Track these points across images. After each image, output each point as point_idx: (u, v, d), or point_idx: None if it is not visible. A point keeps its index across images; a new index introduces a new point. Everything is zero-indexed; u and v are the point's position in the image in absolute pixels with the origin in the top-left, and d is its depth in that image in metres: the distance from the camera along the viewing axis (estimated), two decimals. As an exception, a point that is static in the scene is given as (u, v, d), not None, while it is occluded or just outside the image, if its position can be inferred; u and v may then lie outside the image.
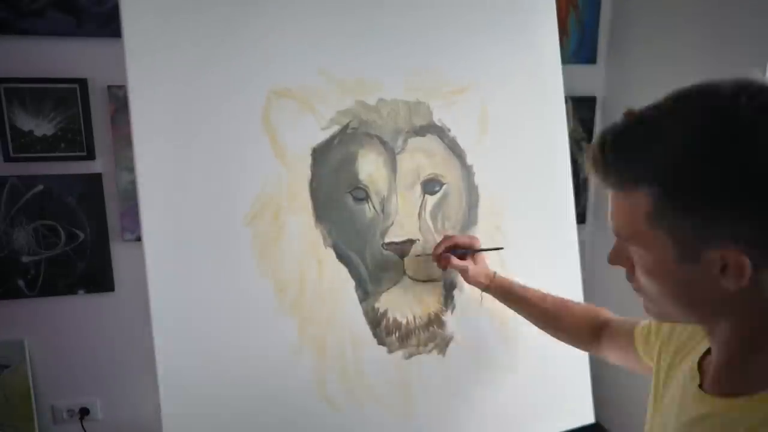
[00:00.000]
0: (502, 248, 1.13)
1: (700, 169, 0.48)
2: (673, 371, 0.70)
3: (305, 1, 1.05)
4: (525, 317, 1.09)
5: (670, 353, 0.72)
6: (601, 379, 1.39)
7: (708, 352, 0.65)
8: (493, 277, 1.10)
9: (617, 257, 0.62)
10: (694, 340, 0.70)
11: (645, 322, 0.86)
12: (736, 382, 0.57)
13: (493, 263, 1.17)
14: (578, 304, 1.08)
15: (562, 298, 1.06)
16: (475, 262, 1.10)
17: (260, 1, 1.02)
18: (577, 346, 1.05)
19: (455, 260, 1.07)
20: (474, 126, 1.19)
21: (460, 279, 1.14)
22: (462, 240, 1.09)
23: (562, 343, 1.07)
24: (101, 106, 1.50)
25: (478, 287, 1.11)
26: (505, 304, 1.10)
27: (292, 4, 1.04)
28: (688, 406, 0.62)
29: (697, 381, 0.63)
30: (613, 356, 0.95)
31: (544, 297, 1.06)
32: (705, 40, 1.50)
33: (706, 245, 0.51)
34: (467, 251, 1.09)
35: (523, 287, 1.08)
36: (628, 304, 0.88)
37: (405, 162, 1.11)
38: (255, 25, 1.01)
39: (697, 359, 0.66)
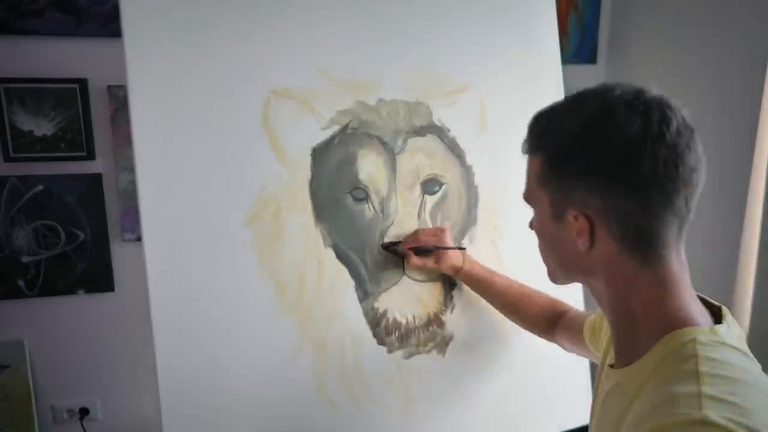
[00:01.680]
0: (464, 248, 1.13)
1: (573, 145, 0.63)
2: (604, 362, 0.78)
3: (305, 1, 1.05)
4: (490, 303, 1.14)
5: (605, 347, 0.81)
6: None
7: None
8: (460, 268, 1.11)
9: (532, 225, 0.76)
10: None
11: (591, 317, 0.95)
12: (626, 354, 0.66)
13: (492, 263, 1.17)
14: (540, 294, 1.11)
15: (527, 288, 1.12)
16: (442, 258, 1.10)
17: (260, 2, 1.02)
18: (535, 333, 1.11)
19: (414, 258, 1.08)
20: (474, 126, 1.19)
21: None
22: (425, 238, 1.09)
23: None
24: (101, 106, 1.50)
25: (450, 275, 1.14)
26: (474, 291, 1.14)
27: (292, 4, 1.04)
28: (604, 384, 0.72)
29: (611, 361, 0.72)
30: (567, 345, 1.05)
31: (509, 286, 1.12)
32: (705, 40, 1.50)
33: (567, 206, 0.65)
34: (429, 249, 1.08)
35: (491, 277, 1.12)
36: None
37: (405, 162, 1.11)
38: (255, 25, 1.01)
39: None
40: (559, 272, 0.74)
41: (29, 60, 1.43)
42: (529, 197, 0.73)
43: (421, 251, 1.09)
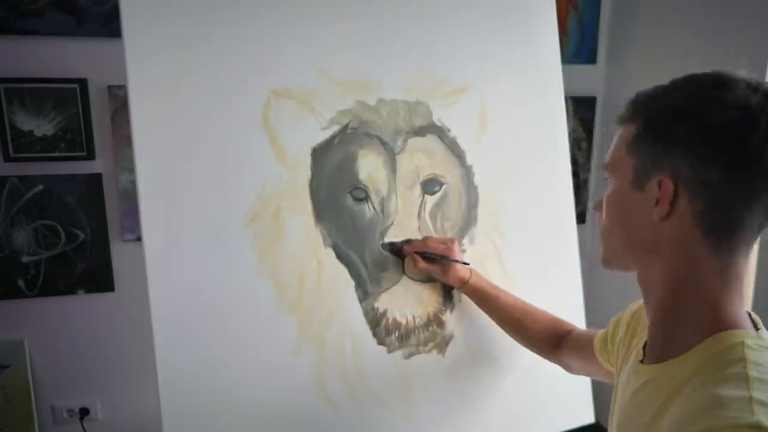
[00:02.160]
0: (467, 263, 1.11)
1: (671, 116, 0.62)
2: (625, 365, 0.77)
3: (305, 1, 1.05)
4: (493, 319, 1.12)
5: (623, 353, 0.80)
6: (600, 379, 1.39)
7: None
8: (466, 281, 1.10)
9: (599, 204, 0.74)
10: (638, 337, 0.78)
11: (602, 331, 0.93)
12: (664, 349, 0.65)
13: (492, 263, 1.17)
14: (544, 313, 1.10)
15: (531, 306, 1.10)
16: (449, 268, 1.09)
17: (260, 2, 1.02)
18: (538, 353, 1.10)
19: (421, 262, 1.08)
20: (474, 126, 1.19)
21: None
22: (434, 246, 1.08)
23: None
24: (101, 106, 1.50)
25: (454, 286, 1.13)
26: (478, 305, 1.12)
27: (292, 4, 1.04)
28: (632, 381, 0.70)
29: (640, 358, 0.71)
30: (572, 362, 1.04)
31: (514, 303, 1.10)
32: (705, 40, 1.50)
33: (653, 171, 0.63)
34: (436, 257, 1.08)
35: (495, 292, 1.11)
36: (626, 304, 0.88)
37: (405, 162, 1.11)
38: (255, 25, 1.01)
39: (641, 344, 0.73)
40: (620, 250, 0.70)
41: (29, 60, 1.43)
42: (612, 163, 0.69)
43: (428, 258, 1.08)
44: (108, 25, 1.44)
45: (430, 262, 1.08)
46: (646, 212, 0.63)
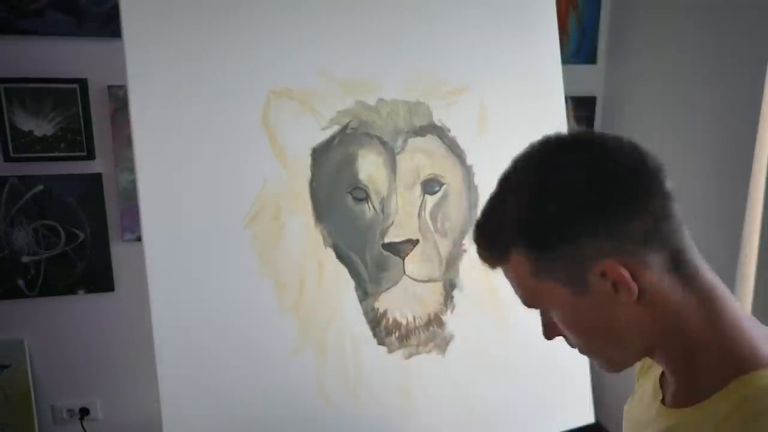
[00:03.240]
0: None
1: (537, 213, 0.56)
2: (642, 378, 0.72)
3: (305, 1, 1.05)
4: None
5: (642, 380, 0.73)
6: (601, 379, 1.39)
7: None
8: None
9: (549, 332, 0.64)
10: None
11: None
12: (687, 394, 0.59)
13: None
14: None
15: None
16: None
17: (260, 2, 1.02)
18: None
19: None
20: (474, 126, 1.19)
21: (459, 279, 1.14)
22: None
23: (562, 343, 1.06)
24: (101, 106, 1.50)
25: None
26: None
27: (292, 4, 1.04)
28: (654, 421, 0.64)
29: (660, 396, 0.65)
30: None
31: None
32: (705, 40, 1.50)
33: (584, 271, 0.55)
34: None
35: None
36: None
37: (405, 162, 1.11)
38: (255, 26, 1.01)
39: (658, 376, 0.67)
40: (624, 355, 0.61)
41: (29, 60, 1.43)
42: (532, 300, 0.61)
43: None
44: (108, 25, 1.44)
45: None
46: (611, 304, 0.56)
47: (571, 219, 0.54)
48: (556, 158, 0.57)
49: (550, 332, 0.64)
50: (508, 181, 0.60)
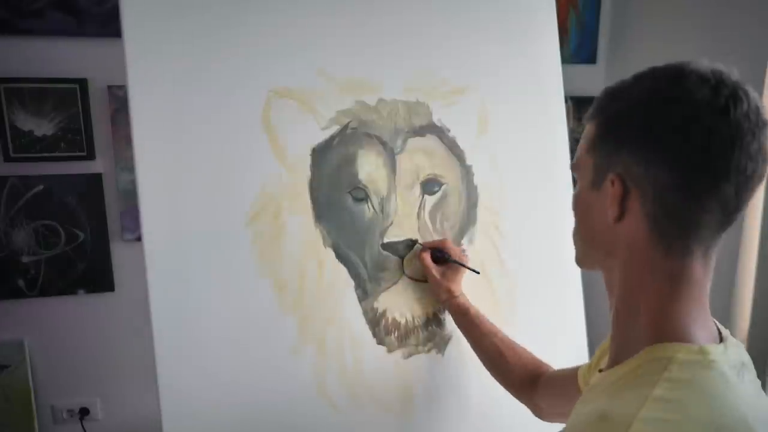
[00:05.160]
0: (478, 272, 1.10)
1: (633, 108, 0.60)
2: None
3: (305, 1, 1.05)
4: (472, 346, 1.08)
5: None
6: (600, 379, 1.39)
7: None
8: (456, 296, 1.08)
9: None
10: None
11: (586, 363, 0.89)
12: (615, 356, 0.63)
13: (491, 263, 1.17)
14: (526, 350, 1.05)
15: (514, 342, 1.05)
16: (448, 276, 1.08)
17: (260, 1, 1.02)
18: (511, 389, 1.04)
19: (428, 259, 1.07)
20: (474, 126, 1.19)
21: (459, 279, 1.14)
22: (450, 247, 1.08)
23: (561, 344, 1.06)
24: (101, 106, 1.50)
25: (437, 298, 1.10)
26: (458, 326, 1.09)
27: (292, 4, 1.04)
28: (588, 385, 0.70)
29: (603, 365, 0.68)
30: (548, 405, 0.97)
31: (496, 332, 1.05)
32: (705, 40, 1.50)
33: (608, 172, 0.61)
34: (447, 257, 1.07)
35: (479, 317, 1.07)
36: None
37: (404, 162, 1.11)
38: (255, 25, 1.01)
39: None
40: (583, 250, 0.70)
41: (29, 60, 1.44)
42: (576, 164, 0.68)
43: (438, 257, 1.08)
44: (108, 25, 1.44)
45: (436, 262, 1.08)
46: (604, 213, 0.61)
47: (640, 127, 0.58)
48: (687, 81, 0.57)
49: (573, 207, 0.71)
50: (654, 73, 0.62)
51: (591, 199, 0.64)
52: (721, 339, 0.61)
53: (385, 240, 1.09)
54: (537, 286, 1.22)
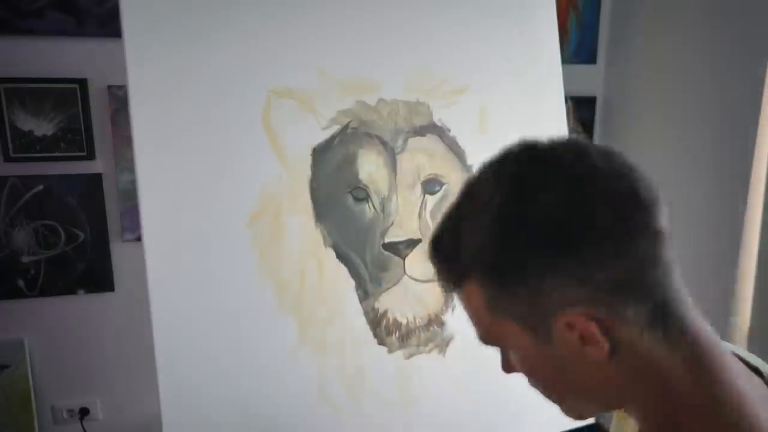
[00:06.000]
0: None
1: (499, 242, 0.47)
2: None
3: (305, 1, 1.05)
4: None
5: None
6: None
7: None
8: None
9: (507, 368, 0.57)
10: None
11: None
12: None
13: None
14: None
15: None
16: None
17: (261, 2, 1.02)
18: None
19: None
20: (474, 126, 1.19)
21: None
22: None
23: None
24: (101, 106, 1.50)
25: None
26: None
27: (292, 4, 1.04)
28: None
29: None
30: None
31: None
32: (705, 40, 1.50)
33: (548, 318, 0.47)
34: None
35: None
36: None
37: (405, 162, 1.11)
38: (255, 26, 1.01)
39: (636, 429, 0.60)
40: (590, 406, 0.56)
41: (29, 60, 1.44)
42: (488, 337, 0.53)
43: None
44: (108, 25, 1.44)
45: None
46: (578, 357, 0.48)
47: (537, 255, 0.45)
48: (531, 175, 0.48)
49: (508, 368, 0.57)
50: (472, 195, 0.51)
51: (548, 356, 0.50)
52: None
53: (386, 240, 1.09)
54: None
